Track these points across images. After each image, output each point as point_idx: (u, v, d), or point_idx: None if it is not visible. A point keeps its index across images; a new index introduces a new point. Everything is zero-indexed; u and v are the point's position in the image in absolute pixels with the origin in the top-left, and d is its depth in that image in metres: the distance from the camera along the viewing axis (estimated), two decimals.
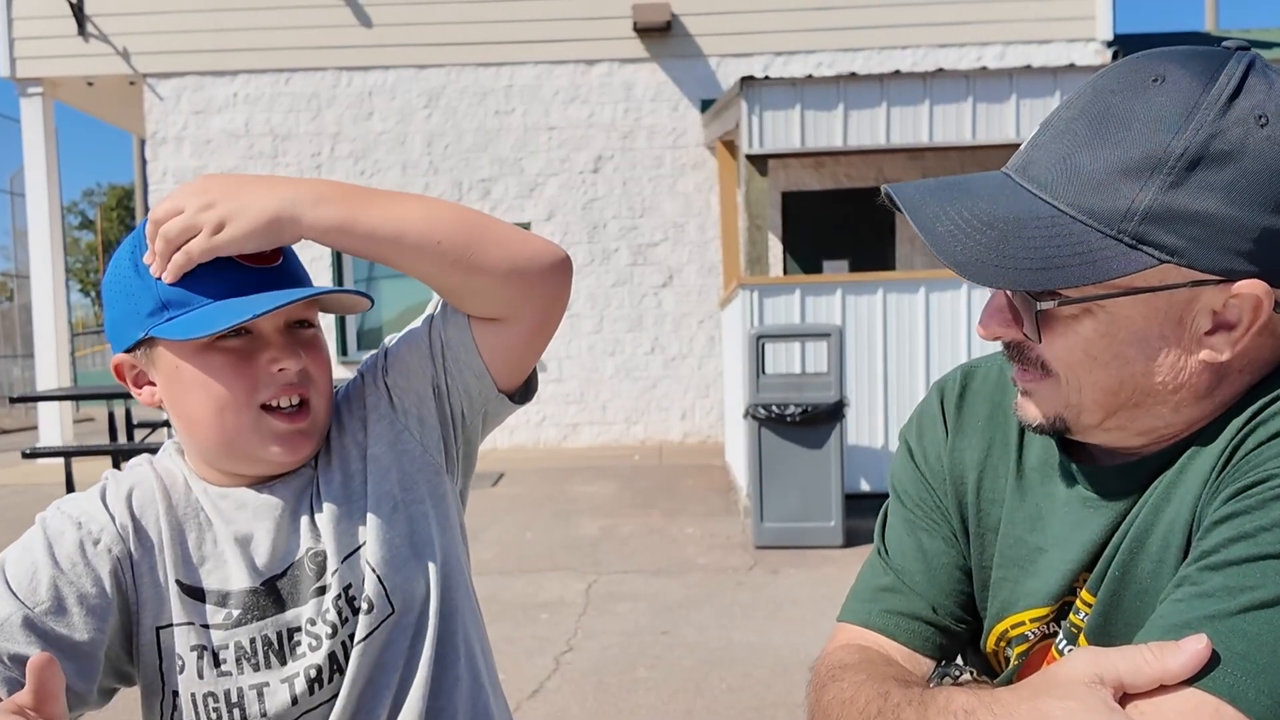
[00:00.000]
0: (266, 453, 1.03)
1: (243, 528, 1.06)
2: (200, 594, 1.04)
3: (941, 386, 1.04)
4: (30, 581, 0.97)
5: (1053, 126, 0.81)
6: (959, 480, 0.99)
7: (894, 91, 6.89)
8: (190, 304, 0.98)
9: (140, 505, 1.06)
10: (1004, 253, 0.77)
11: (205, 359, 1.00)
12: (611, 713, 3.33)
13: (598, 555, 5.48)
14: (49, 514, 1.05)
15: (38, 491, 7.97)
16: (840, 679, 0.87)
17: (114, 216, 44.78)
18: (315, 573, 1.05)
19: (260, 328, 1.02)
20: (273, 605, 1.04)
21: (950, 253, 0.77)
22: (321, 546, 1.05)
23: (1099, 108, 0.78)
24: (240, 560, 1.04)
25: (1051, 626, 0.91)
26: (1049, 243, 0.76)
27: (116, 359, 1.07)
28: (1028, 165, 0.81)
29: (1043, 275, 0.76)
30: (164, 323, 0.99)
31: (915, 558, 0.99)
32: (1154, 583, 0.81)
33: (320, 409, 1.06)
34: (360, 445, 1.09)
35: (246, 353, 1.01)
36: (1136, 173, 0.74)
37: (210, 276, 0.99)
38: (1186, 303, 0.77)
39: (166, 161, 9.58)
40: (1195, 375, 0.79)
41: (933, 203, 0.81)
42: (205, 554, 1.05)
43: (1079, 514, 0.88)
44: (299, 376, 1.03)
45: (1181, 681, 0.67)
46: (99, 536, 1.01)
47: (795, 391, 5.46)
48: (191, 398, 1.01)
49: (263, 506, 1.06)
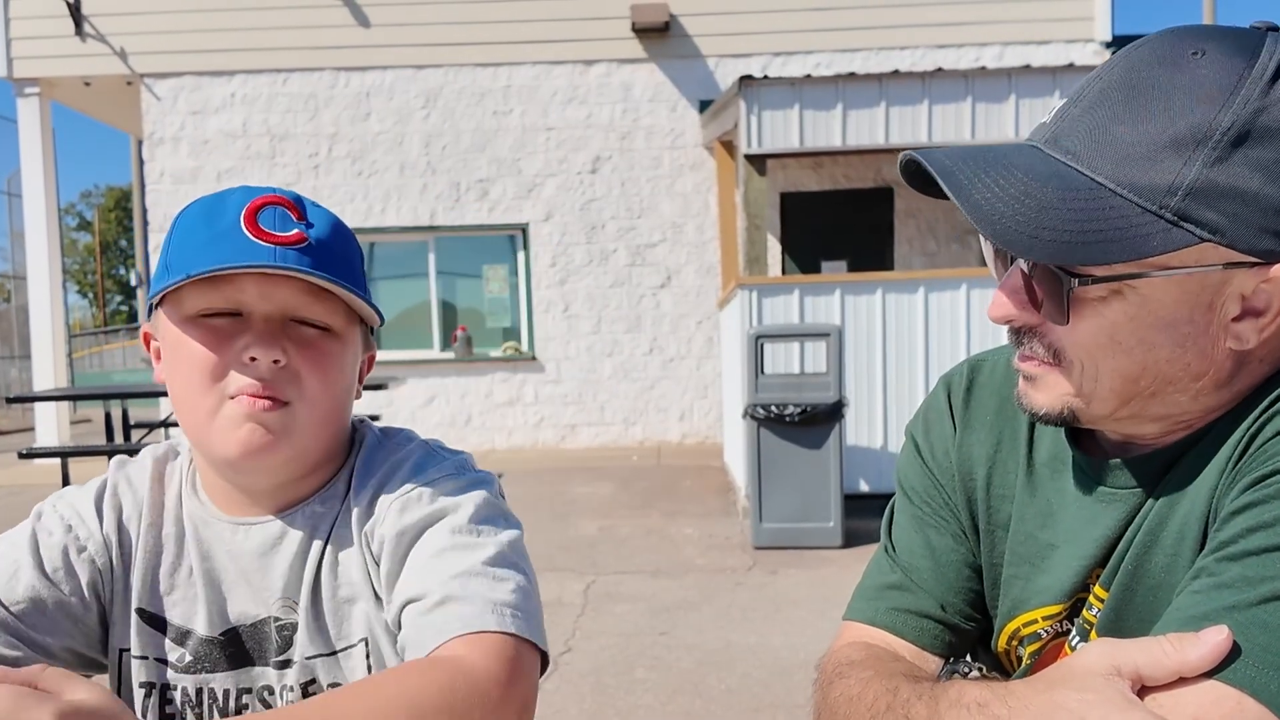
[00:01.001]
0: (223, 444, 0.92)
1: (217, 565, 0.99)
2: (162, 624, 0.99)
3: (948, 380, 1.01)
4: (10, 579, 0.95)
5: (1084, 99, 0.77)
6: (968, 476, 0.96)
7: (893, 91, 6.88)
8: (187, 269, 0.91)
9: (127, 517, 1.01)
10: (1041, 224, 0.73)
11: (190, 329, 0.93)
12: (610, 713, 3.31)
13: (596, 556, 5.46)
14: (46, 508, 1.01)
15: (33, 492, 7.93)
16: (847, 676, 0.86)
17: (111, 218, 44.70)
18: (280, 645, 0.98)
19: (251, 311, 0.93)
20: (227, 660, 0.98)
21: (987, 220, 0.74)
22: (293, 619, 0.97)
23: (1136, 79, 0.75)
24: (206, 603, 0.98)
25: (1064, 624, 0.89)
26: (1088, 216, 0.72)
27: (145, 328, 1.03)
28: (1058, 136, 0.78)
29: (1081, 249, 0.72)
30: (159, 285, 0.94)
31: (923, 555, 0.97)
32: (1168, 577, 0.79)
33: (304, 418, 0.94)
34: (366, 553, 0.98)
35: (227, 333, 0.93)
36: (1181, 146, 0.71)
37: (213, 243, 0.92)
38: (1218, 286, 0.75)
39: (164, 162, 9.55)
40: (1218, 363, 0.77)
41: (967, 170, 0.77)
42: (176, 583, 0.99)
43: (1091, 509, 0.86)
44: (274, 372, 0.92)
45: (1201, 674, 0.65)
46: (85, 544, 0.98)
47: (794, 392, 5.44)
48: (171, 372, 0.96)
49: (243, 546, 0.98)
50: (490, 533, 0.93)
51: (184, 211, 0.98)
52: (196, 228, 0.94)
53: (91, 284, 44.59)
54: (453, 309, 10.12)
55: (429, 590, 0.87)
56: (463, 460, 1.02)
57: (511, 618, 0.84)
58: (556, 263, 9.63)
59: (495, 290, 10.02)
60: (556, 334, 9.70)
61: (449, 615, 0.84)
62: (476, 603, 0.85)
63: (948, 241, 9.71)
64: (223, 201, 0.96)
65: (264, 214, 0.93)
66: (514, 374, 9.76)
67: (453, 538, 0.91)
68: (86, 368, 24.54)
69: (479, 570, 0.88)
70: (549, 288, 9.67)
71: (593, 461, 8.76)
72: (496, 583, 0.87)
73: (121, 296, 46.03)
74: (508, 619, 0.84)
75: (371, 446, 1.03)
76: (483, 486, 0.98)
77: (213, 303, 0.93)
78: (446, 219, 9.60)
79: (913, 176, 0.81)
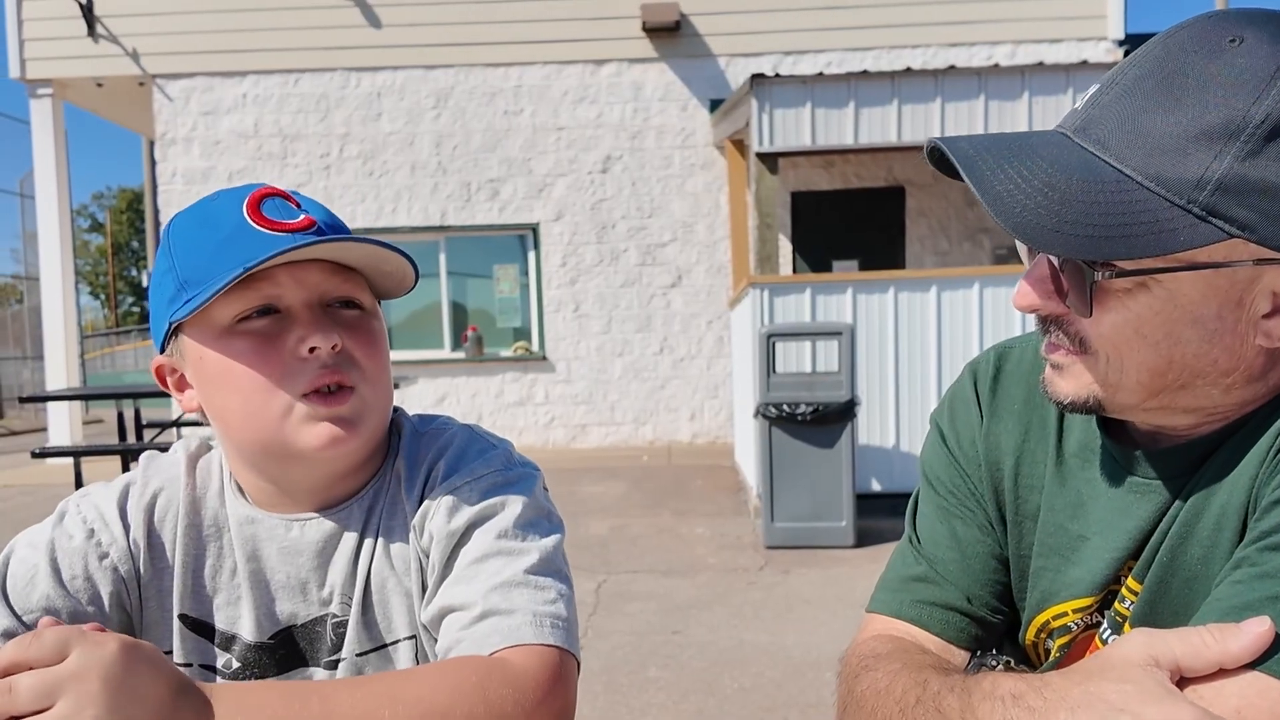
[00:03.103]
0: (305, 445, 0.90)
1: (265, 565, 0.96)
2: (209, 631, 0.96)
3: (974, 368, 0.99)
4: (27, 585, 0.92)
5: (1117, 85, 0.75)
6: (995, 465, 0.94)
7: (905, 89, 6.85)
8: (206, 280, 0.87)
9: (160, 517, 0.97)
10: (1064, 217, 0.71)
11: (228, 344, 0.89)
12: (623, 711, 3.29)
13: (607, 555, 5.44)
14: (69, 507, 0.97)
15: (46, 492, 7.97)
16: (874, 669, 0.84)
17: (123, 219, 44.92)
18: (333, 644, 0.96)
19: (288, 305, 0.90)
20: (276, 664, 0.95)
21: (1008, 213, 0.72)
22: (348, 616, 0.95)
23: (1171, 66, 0.72)
24: (252, 605, 0.95)
25: (1095, 617, 0.87)
26: (1113, 209, 0.70)
27: (155, 362, 0.97)
28: (1088, 125, 0.75)
29: (1105, 244, 0.70)
30: (181, 306, 0.88)
31: (949, 546, 0.94)
32: (1204, 569, 0.77)
33: (371, 399, 0.93)
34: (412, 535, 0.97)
35: (272, 334, 0.89)
36: (1212, 139, 0.69)
37: (226, 246, 0.87)
38: (1248, 282, 0.72)
39: (176, 162, 9.58)
40: (1248, 360, 0.75)
41: (989, 159, 0.74)
42: (219, 585, 0.96)
43: (1124, 500, 0.84)
44: (335, 358, 0.90)
45: (1243, 665, 0.64)
46: (107, 550, 0.94)
47: (806, 390, 5.42)
48: (220, 392, 0.91)
49: (294, 545, 0.96)
50: (534, 538, 0.93)
51: (173, 228, 0.93)
52: (199, 238, 0.90)
53: (103, 285, 44.82)
54: (463, 309, 10.13)
55: (471, 601, 0.87)
56: (508, 451, 1.01)
57: (551, 629, 0.86)
58: (567, 262, 9.63)
59: (506, 290, 10.02)
60: (567, 334, 9.69)
61: (490, 629, 0.85)
62: (518, 615, 0.85)
63: (960, 240, 9.66)
64: (214, 205, 0.92)
65: (266, 205, 0.90)
66: (524, 374, 9.76)
67: (498, 543, 0.91)
68: (98, 369, 24.66)
69: (521, 580, 0.88)
70: (559, 287, 9.66)
71: (603, 461, 8.75)
72: (538, 592, 0.88)
73: (133, 298, 46.24)
74: (546, 630, 0.85)
75: (411, 435, 1.01)
76: (530, 482, 0.97)
77: (249, 303, 0.89)
78: (457, 219, 9.60)
79: (938, 163, 0.79)
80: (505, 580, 0.88)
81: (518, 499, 0.94)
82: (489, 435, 1.03)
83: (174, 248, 0.91)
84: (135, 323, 40.22)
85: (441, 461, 0.97)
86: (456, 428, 1.03)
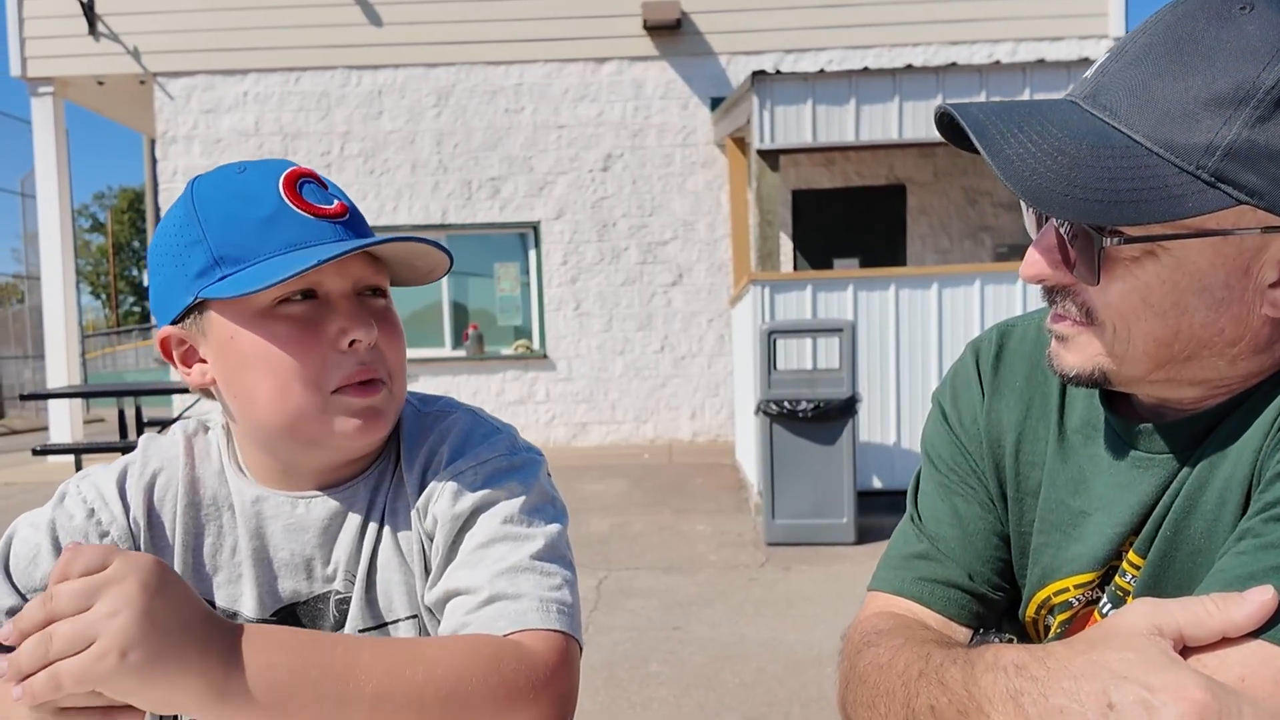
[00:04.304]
0: (336, 434, 0.91)
1: (269, 543, 0.96)
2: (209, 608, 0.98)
3: (976, 346, 0.99)
4: (30, 564, 0.93)
5: (1126, 53, 0.75)
6: (996, 443, 0.94)
7: (907, 86, 6.85)
8: (247, 259, 0.86)
9: (160, 497, 0.97)
10: (1074, 181, 0.70)
11: (266, 325, 0.88)
12: (624, 706, 3.29)
13: (608, 552, 5.44)
14: (70, 488, 0.98)
15: (47, 490, 7.93)
16: (876, 644, 0.83)
17: (124, 219, 44.96)
18: (336, 620, 0.97)
19: (328, 292, 0.91)
20: None
21: (1018, 177, 0.72)
22: (351, 593, 0.96)
23: (1181, 33, 0.72)
24: (254, 582, 0.96)
25: (1096, 592, 0.86)
26: (1122, 175, 0.70)
27: (163, 333, 0.94)
28: (1098, 92, 0.75)
29: (1113, 209, 0.70)
30: (216, 282, 0.87)
31: (950, 523, 0.94)
32: (1208, 542, 0.77)
33: (396, 391, 0.95)
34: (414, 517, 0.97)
35: (312, 320, 0.89)
36: (1221, 105, 0.69)
37: (268, 227, 0.88)
38: (1256, 251, 0.72)
39: (176, 160, 9.59)
40: (1254, 329, 0.74)
41: (1000, 124, 0.74)
42: (220, 563, 0.97)
43: (1127, 475, 0.83)
44: (371, 354, 0.91)
45: (1246, 634, 0.63)
46: (107, 529, 0.95)
47: (807, 387, 5.42)
48: (250, 373, 0.90)
49: (300, 522, 0.96)
50: (540, 524, 0.93)
51: (200, 198, 0.91)
52: (235, 212, 0.89)
53: (104, 285, 44.84)
54: (464, 307, 10.13)
55: (478, 585, 0.87)
56: (512, 436, 1.00)
57: (558, 614, 0.86)
58: (568, 261, 9.63)
59: (507, 288, 10.02)
60: (568, 332, 9.69)
61: (497, 613, 0.85)
62: (524, 600, 0.86)
63: (961, 239, 9.66)
64: (246, 180, 0.91)
65: (304, 188, 0.91)
66: (525, 372, 9.76)
67: (504, 528, 0.91)
68: (99, 368, 24.67)
69: (527, 565, 0.88)
70: (560, 286, 9.66)
71: (604, 459, 8.75)
72: (544, 577, 0.88)
73: (134, 298, 46.26)
74: (553, 615, 0.86)
75: (413, 415, 1.01)
76: (535, 468, 0.97)
77: (291, 288, 0.88)
78: (458, 217, 9.60)
79: (946, 130, 0.79)
80: (512, 565, 0.88)
81: (523, 484, 0.94)
82: (492, 419, 1.03)
83: (205, 219, 0.89)
84: (136, 322, 40.23)
85: (445, 444, 0.97)
86: (460, 410, 1.03)
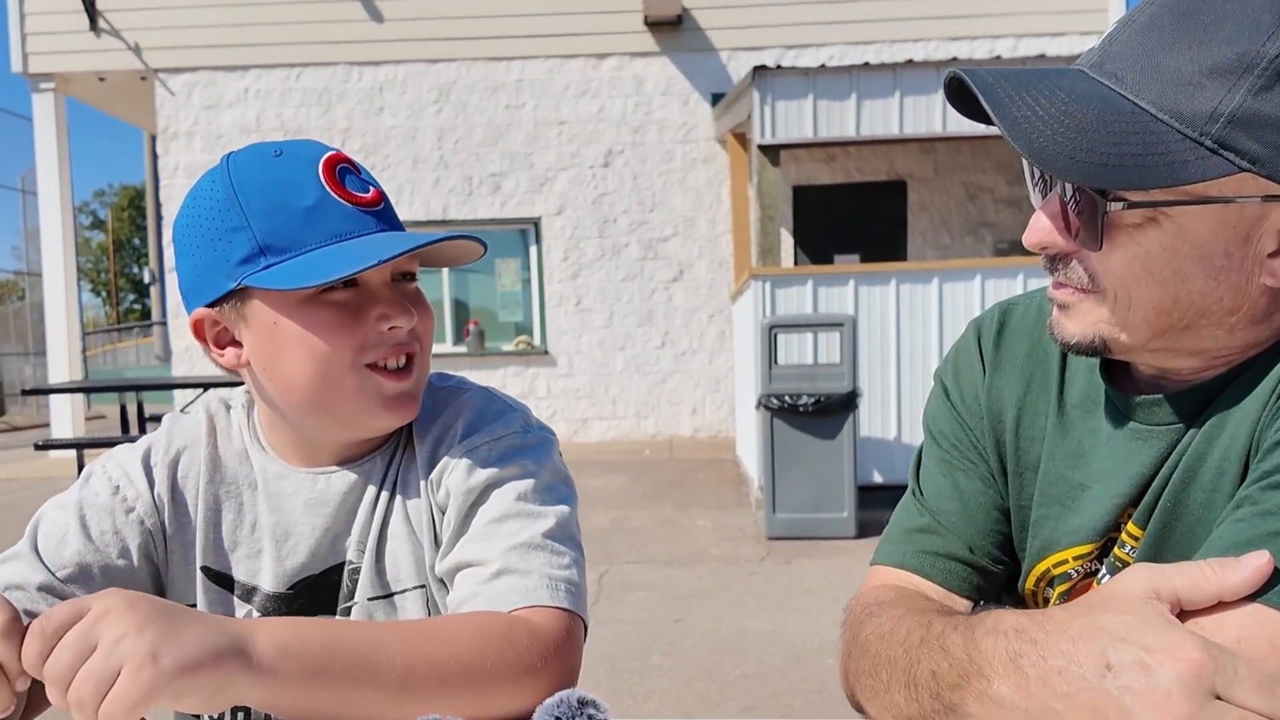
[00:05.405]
0: (371, 415, 0.94)
1: (287, 519, 0.98)
2: (229, 583, 0.99)
3: (978, 324, 1.00)
4: (59, 544, 0.94)
5: (1134, 23, 0.76)
6: (997, 418, 0.95)
7: (907, 81, 6.85)
8: (292, 249, 0.88)
9: (184, 474, 0.99)
10: (1079, 145, 0.72)
11: (309, 313, 0.90)
12: (625, 697, 3.30)
13: (609, 546, 5.45)
14: (95, 469, 1.00)
15: (49, 485, 7.98)
16: (878, 615, 0.84)
17: (125, 217, 44.95)
18: (348, 590, 0.98)
19: (368, 280, 0.92)
20: (294, 614, 0.97)
21: (1025, 138, 0.73)
22: (360, 563, 0.98)
23: (1188, 4, 0.73)
24: (273, 557, 0.98)
25: (1094, 564, 0.87)
26: (1127, 140, 0.71)
27: (197, 314, 0.95)
28: (1105, 60, 0.77)
29: (1118, 173, 0.71)
30: (261, 270, 0.88)
31: (951, 498, 0.95)
32: (1206, 512, 0.78)
33: (425, 371, 0.99)
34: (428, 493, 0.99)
35: (354, 307, 0.92)
36: (1225, 73, 0.70)
37: (313, 217, 0.89)
38: (1256, 219, 0.73)
39: (178, 157, 9.60)
40: (1253, 299, 0.76)
41: (1008, 87, 0.76)
42: (239, 539, 0.99)
43: (1126, 447, 0.84)
44: (407, 336, 0.94)
45: (1243, 598, 0.64)
46: (133, 505, 0.96)
47: (808, 382, 5.42)
48: (292, 357, 0.91)
49: (321, 496, 0.98)
50: (552, 503, 0.95)
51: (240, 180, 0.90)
52: (279, 201, 0.89)
53: (105, 282, 44.83)
54: (465, 303, 10.14)
55: (489, 558, 0.89)
56: (526, 414, 1.03)
57: (566, 593, 0.88)
58: (569, 257, 9.63)
59: (507, 284, 10.03)
60: (569, 328, 9.70)
61: (506, 587, 0.87)
62: (534, 576, 0.87)
63: (962, 235, 9.67)
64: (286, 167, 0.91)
65: (347, 179, 0.92)
66: (526, 368, 9.77)
67: (517, 504, 0.93)
68: (100, 365, 24.68)
69: (539, 543, 0.90)
70: (561, 282, 9.67)
71: (605, 455, 8.76)
72: (554, 556, 0.90)
73: (135, 295, 46.26)
74: (561, 594, 0.87)
75: (427, 391, 1.03)
76: (548, 447, 1.00)
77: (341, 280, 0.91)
78: (459, 213, 9.61)
79: (956, 97, 0.81)
80: (523, 542, 0.90)
81: (536, 462, 0.97)
82: (506, 397, 1.05)
83: (247, 206, 0.89)
84: (136, 320, 40.23)
85: (460, 420, 0.99)
86: (475, 388, 1.05)
